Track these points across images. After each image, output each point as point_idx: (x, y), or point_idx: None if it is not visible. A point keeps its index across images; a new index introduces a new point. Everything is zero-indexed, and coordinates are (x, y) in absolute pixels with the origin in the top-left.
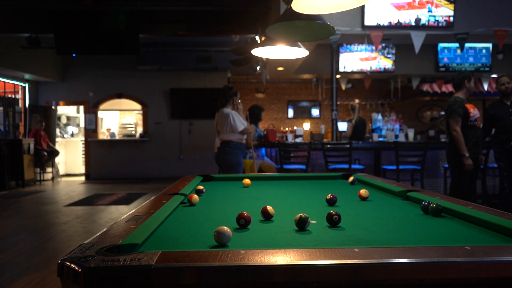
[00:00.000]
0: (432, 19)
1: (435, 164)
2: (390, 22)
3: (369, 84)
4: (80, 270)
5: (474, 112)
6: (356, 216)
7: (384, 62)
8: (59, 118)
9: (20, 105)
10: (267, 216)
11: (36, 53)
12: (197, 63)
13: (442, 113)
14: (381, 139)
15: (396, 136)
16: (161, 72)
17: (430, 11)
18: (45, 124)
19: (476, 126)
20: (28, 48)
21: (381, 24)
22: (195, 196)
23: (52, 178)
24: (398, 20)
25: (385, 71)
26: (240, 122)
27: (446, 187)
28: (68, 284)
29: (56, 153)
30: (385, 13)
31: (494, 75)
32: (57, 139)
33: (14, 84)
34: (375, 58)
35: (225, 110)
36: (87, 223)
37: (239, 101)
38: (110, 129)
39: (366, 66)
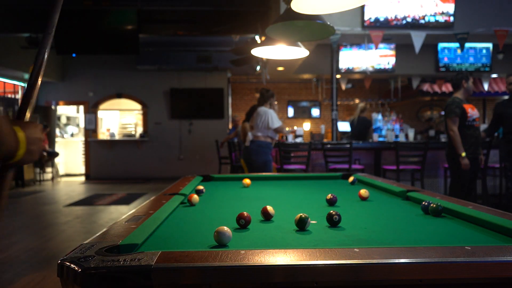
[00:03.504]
0: (432, 19)
1: (435, 164)
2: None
3: (369, 84)
4: (79, 270)
5: (472, 112)
6: (356, 216)
7: (386, 60)
8: (59, 118)
9: None
10: (267, 216)
11: (36, 53)
12: (197, 63)
13: (443, 113)
14: (381, 139)
15: (396, 136)
16: (161, 72)
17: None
18: (49, 129)
19: (474, 126)
20: (28, 48)
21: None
22: (195, 196)
23: (52, 178)
24: (422, 15)
25: (385, 70)
26: (276, 120)
27: (446, 187)
28: (67, 284)
29: (55, 154)
30: (386, 11)
31: (494, 75)
32: (57, 139)
33: (14, 84)
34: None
35: (263, 108)
36: (87, 223)
37: (276, 102)
38: (110, 129)
39: (369, 64)
